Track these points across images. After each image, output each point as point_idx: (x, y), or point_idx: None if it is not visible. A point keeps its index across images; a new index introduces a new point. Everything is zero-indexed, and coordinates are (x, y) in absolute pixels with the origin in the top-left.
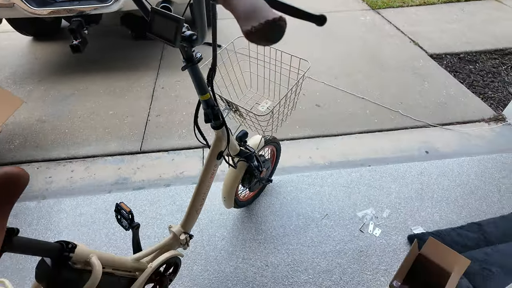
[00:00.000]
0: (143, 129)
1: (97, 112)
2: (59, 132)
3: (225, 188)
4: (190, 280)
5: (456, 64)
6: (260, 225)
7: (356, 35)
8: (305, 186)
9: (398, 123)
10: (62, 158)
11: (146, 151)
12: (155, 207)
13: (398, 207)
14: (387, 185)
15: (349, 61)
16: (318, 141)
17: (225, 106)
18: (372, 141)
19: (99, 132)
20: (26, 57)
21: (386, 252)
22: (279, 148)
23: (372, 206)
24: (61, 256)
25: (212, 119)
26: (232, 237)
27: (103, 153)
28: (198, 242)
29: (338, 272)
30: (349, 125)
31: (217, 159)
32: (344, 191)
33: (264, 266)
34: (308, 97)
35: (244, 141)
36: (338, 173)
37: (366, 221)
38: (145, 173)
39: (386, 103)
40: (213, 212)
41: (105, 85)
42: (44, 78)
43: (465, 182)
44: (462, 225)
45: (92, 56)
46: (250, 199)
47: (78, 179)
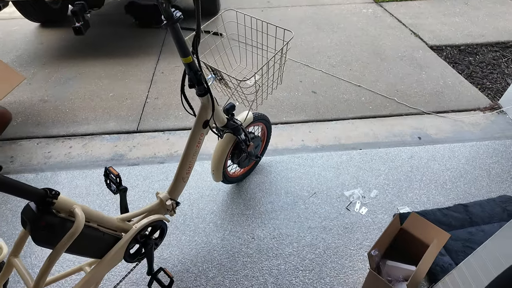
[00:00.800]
0: (141, 110)
1: (98, 94)
2: (60, 111)
3: (213, 161)
4: (178, 249)
5: (456, 55)
6: (249, 201)
7: (357, 27)
8: (295, 167)
9: (392, 110)
10: (62, 135)
11: (143, 131)
12: (148, 182)
13: (386, 188)
14: (376, 167)
15: (348, 51)
16: (311, 125)
17: (211, 74)
18: (365, 126)
19: (98, 112)
20: (32, 42)
21: (371, 229)
22: (269, 126)
23: (360, 186)
24: (44, 201)
25: (196, 84)
26: (221, 211)
27: (101, 132)
28: (188, 215)
29: (322, 246)
30: (343, 111)
31: (203, 127)
32: (333, 172)
33: (250, 239)
34: (305, 84)
35: (231, 114)
36: (329, 155)
37: (353, 200)
38: (141, 150)
39: (382, 91)
40: (203, 188)
41: (106, 69)
42: (48, 62)
43: (455, 166)
44: (448, 206)
45: (96, 42)
46: (240, 176)
47: (75, 155)
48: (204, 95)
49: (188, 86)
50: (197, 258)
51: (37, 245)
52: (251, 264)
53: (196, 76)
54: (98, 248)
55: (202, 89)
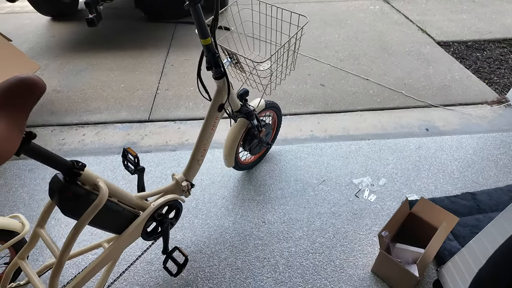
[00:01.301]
0: (152, 100)
1: (109, 85)
2: (72, 101)
3: (226, 146)
4: (191, 231)
5: (463, 51)
6: (259, 188)
7: (364, 23)
8: (304, 155)
9: (400, 103)
10: (75, 123)
11: (154, 120)
12: (160, 168)
13: (394, 177)
14: (385, 156)
15: (356, 46)
16: (320, 116)
17: (227, 58)
18: (374, 118)
19: (110, 102)
20: (44, 35)
21: (380, 215)
22: (280, 114)
23: (369, 175)
24: (71, 172)
25: (213, 66)
26: (232, 197)
27: (113, 120)
28: (200, 200)
29: (332, 231)
30: (351, 103)
31: (218, 111)
32: (342, 161)
33: (261, 223)
34: (313, 77)
35: (245, 99)
36: (338, 145)
37: (362, 187)
38: (152, 139)
39: (390, 85)
40: (215, 175)
41: (117, 62)
42: (60, 54)
43: (462, 157)
44: (456, 194)
45: (106, 35)
46: (250, 164)
47: (88, 142)
48: (220, 78)
49: (206, 68)
50: (209, 240)
51: (64, 215)
52: (262, 247)
53: (214, 58)
54: (118, 223)
55: (218, 72)
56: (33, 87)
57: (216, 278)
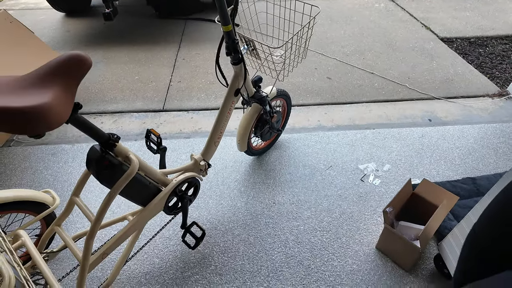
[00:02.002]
0: (165, 92)
1: (124, 77)
2: (90, 92)
3: (239, 131)
4: (206, 211)
5: (466, 47)
6: (269, 172)
7: (369, 20)
8: (312, 143)
9: (404, 95)
10: (93, 112)
11: (168, 110)
12: (176, 154)
13: (398, 163)
14: (389, 144)
15: (361, 41)
16: (327, 107)
17: (243, 45)
18: (378, 109)
19: (125, 93)
20: (59, 30)
21: (384, 198)
22: (289, 102)
23: (374, 161)
24: (108, 143)
25: (232, 52)
26: (243, 180)
27: (130, 110)
28: (214, 182)
29: (338, 212)
30: (357, 95)
31: (235, 95)
32: (348, 148)
33: (271, 203)
34: (320, 71)
35: (258, 86)
36: (344, 134)
37: (367, 172)
38: (167, 127)
39: (394, 78)
40: (227, 160)
41: (130, 55)
42: (76, 48)
43: (463, 145)
44: (457, 179)
45: (120, 31)
46: (261, 150)
47: (107, 129)
48: (237, 64)
49: (225, 54)
50: (223, 218)
51: (99, 183)
52: (273, 225)
53: (233, 45)
54: (144, 195)
55: (236, 58)
56: (83, 61)
57: (231, 252)
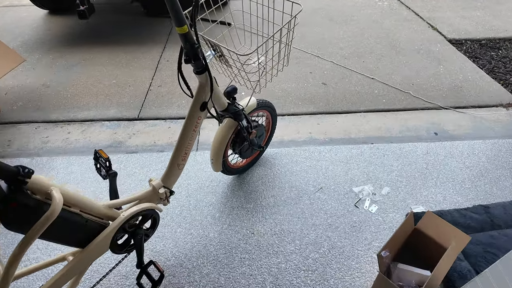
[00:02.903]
0: (143, 97)
1: (100, 80)
2: (61, 97)
3: (212, 149)
4: (173, 242)
5: (477, 50)
6: (250, 194)
7: (372, 19)
8: (301, 160)
9: (407, 104)
10: (61, 120)
11: (144, 118)
12: (145, 171)
13: (398, 185)
14: (389, 162)
15: (362, 43)
16: (320, 117)
17: (210, 50)
18: (378, 120)
19: (99, 98)
20: (40, 29)
21: (381, 229)
22: (274, 115)
23: (371, 182)
24: (16, 179)
25: (192, 59)
26: (220, 204)
27: (101, 118)
28: (185, 206)
29: (327, 245)
30: (354, 103)
31: (201, 110)
32: (342, 167)
33: (249, 234)
34: (315, 75)
35: (233, 98)
36: (338, 149)
37: (363, 196)
38: (140, 138)
39: (396, 84)
40: (203, 179)
41: (111, 56)
42: (53, 48)
43: (475, 164)
44: (467, 207)
45: (103, 30)
46: (241, 168)
47: (73, 140)
48: (202, 73)
49: (184, 61)
50: (192, 252)
51: (7, 229)
52: (249, 261)
53: (192, 50)
54: (80, 236)
55: (199, 66)
56: None
57: None
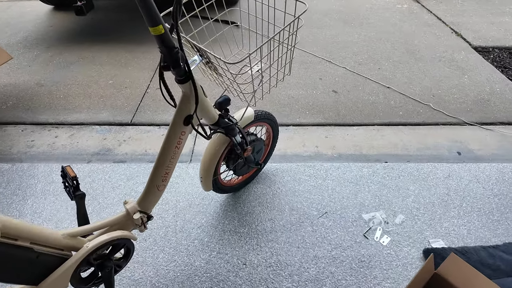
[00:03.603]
0: (139, 101)
1: (97, 81)
2: (54, 97)
3: (202, 166)
4: (153, 270)
5: (506, 59)
6: (245, 216)
7: (390, 23)
8: (305, 178)
9: (427, 117)
10: (50, 123)
11: (137, 124)
12: (131, 183)
13: (415, 213)
14: (404, 185)
15: (378, 48)
16: (329, 129)
17: (197, 55)
18: (393, 135)
19: (93, 100)
20: (42, 25)
21: (394, 266)
22: (276, 128)
23: (383, 208)
24: None
25: (171, 66)
26: (210, 226)
27: (92, 122)
28: (170, 228)
29: (330, 284)
30: (368, 115)
31: (185, 124)
32: (351, 188)
33: (241, 265)
34: (325, 82)
35: (225, 109)
36: (347, 167)
37: (373, 225)
38: (131, 146)
39: (415, 95)
40: (194, 195)
41: (111, 55)
42: (53, 45)
43: (504, 192)
44: (496, 244)
45: (104, 28)
46: (236, 186)
47: (59, 146)
48: (184, 82)
49: (160, 67)
50: (173, 284)
51: None
52: None
53: (170, 55)
54: (31, 272)
55: (181, 73)
56: None
57: None
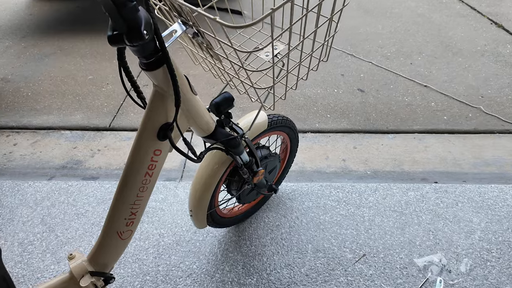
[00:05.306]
0: (122, 100)
1: (74, 76)
2: (20, 95)
3: (192, 196)
4: None
5: None
6: (252, 260)
7: (416, 13)
8: (331, 204)
9: (479, 123)
10: (10, 126)
11: (116, 129)
12: (102, 209)
13: (485, 257)
14: (465, 216)
15: (407, 40)
16: (357, 138)
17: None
18: (440, 145)
19: (67, 99)
20: (21, 12)
21: None
22: (295, 139)
23: (442, 250)
24: None
25: (125, 36)
26: (204, 274)
27: (62, 126)
28: (150, 275)
29: None
30: (404, 120)
31: (159, 139)
32: (394, 219)
33: None
34: (348, 79)
35: (226, 114)
36: (387, 189)
37: (431, 275)
38: (106, 157)
39: (459, 96)
40: (184, 227)
41: (94, 46)
42: (29, 35)
43: None
44: None
45: (89, 18)
46: (240, 215)
47: (17, 156)
48: (154, 68)
49: (108, 39)
50: None
51: None
52: None
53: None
54: None
55: (146, 51)
56: None
57: None
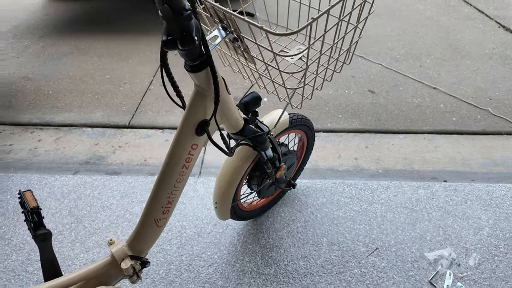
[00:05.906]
0: (140, 99)
1: (92, 75)
2: (41, 93)
3: (218, 189)
4: None
5: None
6: (271, 251)
7: (425, 16)
8: (345, 200)
9: (487, 125)
10: (33, 123)
11: (136, 126)
12: (126, 202)
13: (494, 252)
14: (474, 213)
15: (416, 43)
16: (368, 137)
17: (217, 26)
18: (449, 146)
19: (86, 97)
20: (38, 13)
21: None
22: (312, 137)
23: (451, 245)
24: None
25: (179, 43)
26: (225, 264)
27: (83, 123)
28: (174, 264)
29: None
30: (414, 121)
31: (197, 134)
32: (406, 215)
33: None
34: (359, 80)
35: (253, 112)
36: (398, 187)
37: (441, 269)
38: (127, 153)
39: (468, 98)
40: (205, 221)
41: (110, 46)
42: (46, 35)
43: None
44: None
45: (104, 18)
46: (258, 209)
47: (42, 152)
48: (198, 69)
49: (162, 44)
50: None
51: None
52: None
53: (178, 20)
54: None
55: (194, 55)
56: None
57: None
